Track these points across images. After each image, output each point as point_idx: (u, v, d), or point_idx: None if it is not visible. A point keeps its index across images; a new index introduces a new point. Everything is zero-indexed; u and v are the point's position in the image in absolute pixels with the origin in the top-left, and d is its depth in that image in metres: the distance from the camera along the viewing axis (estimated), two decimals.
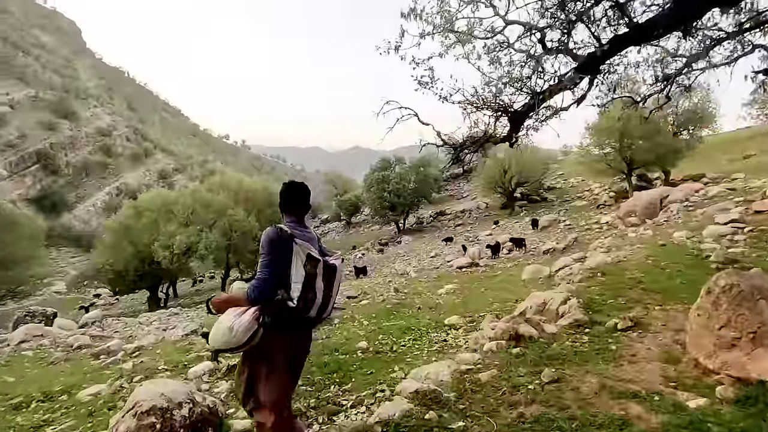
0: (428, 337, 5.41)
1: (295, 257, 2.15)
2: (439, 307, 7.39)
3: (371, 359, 4.69)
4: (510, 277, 10.07)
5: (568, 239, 14.26)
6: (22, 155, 75.73)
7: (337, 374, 4.27)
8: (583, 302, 4.44)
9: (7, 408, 4.15)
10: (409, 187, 33.96)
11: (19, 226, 23.75)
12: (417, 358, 4.63)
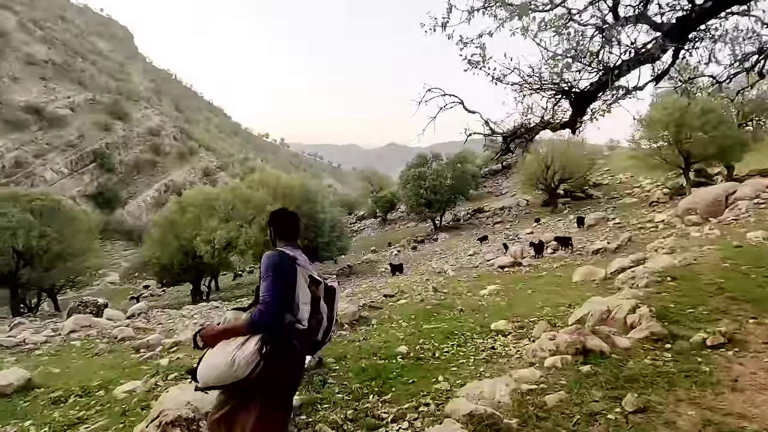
0: (474, 344, 4.99)
1: (300, 279, 2.08)
2: (482, 309, 6.93)
3: (412, 366, 4.34)
4: (557, 278, 9.41)
5: (621, 239, 13.27)
6: (81, 154, 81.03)
7: (375, 382, 3.95)
8: (656, 311, 3.88)
9: (47, 402, 4.14)
10: (446, 184, 33.26)
11: (77, 221, 25.20)
12: (463, 367, 4.23)
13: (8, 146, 72.03)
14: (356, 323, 6.64)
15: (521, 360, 4.15)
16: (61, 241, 22.13)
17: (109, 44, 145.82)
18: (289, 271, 2.07)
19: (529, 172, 32.14)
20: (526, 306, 6.72)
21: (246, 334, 1.95)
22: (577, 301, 6.47)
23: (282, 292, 2.00)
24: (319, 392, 3.77)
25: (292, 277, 2.06)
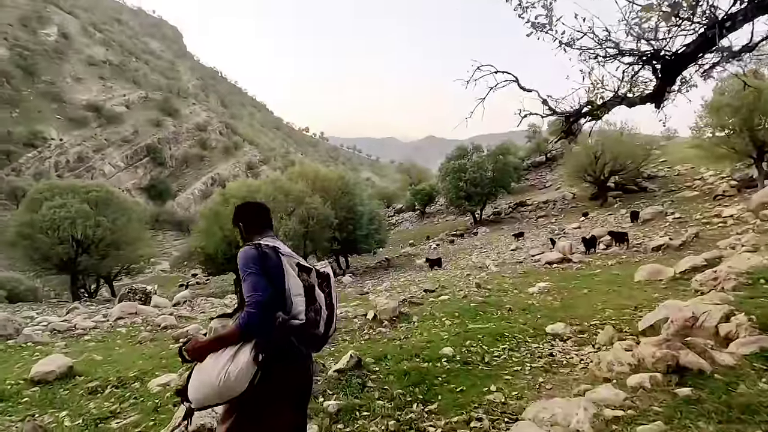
0: (527, 348, 4.50)
1: (287, 269, 1.81)
2: (532, 309, 6.37)
3: (459, 371, 3.93)
4: (615, 276, 8.61)
5: (686, 235, 12.08)
6: (135, 149, 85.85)
7: (419, 388, 3.58)
8: (756, 320, 3.24)
9: (84, 392, 4.10)
10: (487, 176, 32.15)
11: (129, 211, 26.52)
12: (518, 376, 3.77)
13: (71, 142, 77.46)
14: (396, 320, 6.29)
15: (588, 372, 3.63)
16: (114, 230, 23.34)
17: (160, 44, 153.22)
18: (272, 262, 1.79)
19: (576, 163, 30.40)
20: (584, 307, 6.09)
21: (237, 343, 1.69)
22: (644, 303, 5.78)
23: (268, 287, 1.72)
24: (357, 397, 3.44)
25: (277, 269, 1.79)
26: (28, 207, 22.76)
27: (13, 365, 5.58)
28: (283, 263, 1.82)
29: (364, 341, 5.42)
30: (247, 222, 2.08)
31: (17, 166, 67.98)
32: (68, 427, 3.31)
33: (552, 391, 3.36)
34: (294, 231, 20.95)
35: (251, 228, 2.07)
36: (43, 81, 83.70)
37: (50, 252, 21.39)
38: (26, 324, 8.57)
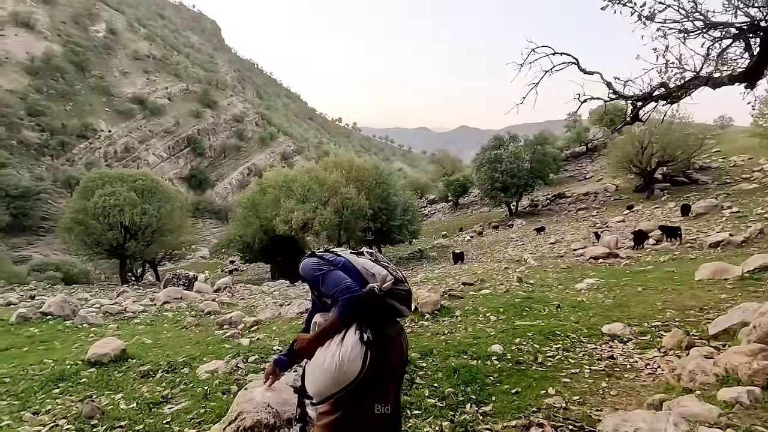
0: (584, 349, 4.23)
1: (349, 256, 1.96)
2: (583, 306, 6.03)
3: (512, 371, 3.73)
4: (671, 274, 8.06)
5: (749, 231, 11.18)
6: (177, 140, 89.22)
7: (471, 387, 3.42)
8: None
9: (137, 375, 4.20)
10: (524, 167, 31.17)
11: (172, 200, 27.56)
12: (577, 379, 3.53)
13: (119, 133, 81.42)
14: (438, 313, 6.14)
15: (656, 378, 3.35)
16: (159, 218, 24.34)
17: (200, 38, 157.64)
18: (331, 257, 1.92)
19: (620, 153, 28.92)
20: (640, 306, 5.71)
21: (340, 331, 1.77)
22: (711, 304, 5.34)
23: (344, 275, 1.82)
24: (407, 394, 3.32)
25: (343, 261, 1.92)
26: (81, 195, 24.09)
27: (71, 345, 5.85)
28: (342, 255, 1.95)
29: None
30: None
31: (71, 156, 72.24)
32: (124, 410, 3.38)
33: (618, 398, 3.12)
34: (329, 221, 21.12)
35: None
36: (93, 75, 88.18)
37: (101, 237, 22.61)
38: (81, 305, 9.03)
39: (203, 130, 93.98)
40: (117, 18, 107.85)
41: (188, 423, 3.12)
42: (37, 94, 75.48)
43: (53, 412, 3.44)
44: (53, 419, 3.28)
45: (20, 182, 55.99)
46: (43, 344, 6.05)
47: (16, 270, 27.28)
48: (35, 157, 67.76)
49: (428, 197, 51.58)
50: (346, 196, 22.10)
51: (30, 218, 54.31)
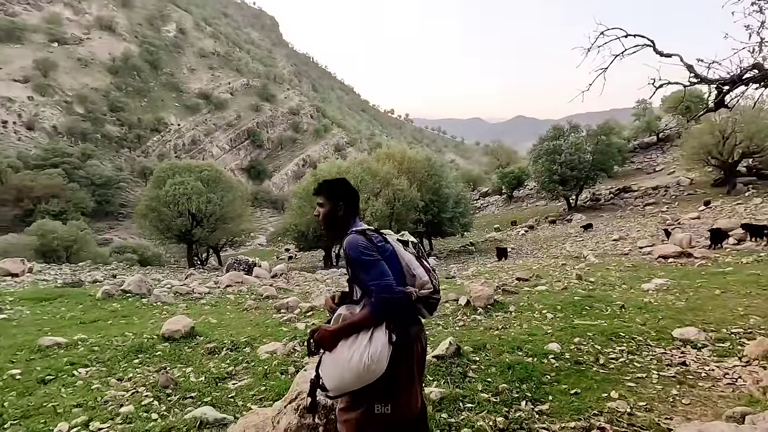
0: (652, 353, 3.96)
1: (397, 248, 1.84)
2: (650, 308, 5.63)
3: (571, 371, 3.58)
4: (754, 277, 7.30)
5: None
6: (238, 133, 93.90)
7: (527, 385, 3.32)
8: None
9: (204, 351, 4.53)
10: (585, 159, 29.44)
11: (235, 190, 29.16)
12: (643, 384, 3.32)
13: (187, 127, 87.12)
14: (491, 308, 6.01)
15: (736, 389, 3.06)
16: (222, 206, 25.89)
17: (260, 33, 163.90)
18: (381, 245, 1.81)
19: (697, 144, 26.42)
20: (718, 311, 5.23)
21: (369, 328, 1.71)
22: None
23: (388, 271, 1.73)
24: (459, 387, 3.31)
25: (390, 251, 1.82)
26: (154, 184, 26.16)
27: (147, 321, 6.42)
28: (391, 243, 1.85)
29: (458, 328, 5.25)
30: (349, 202, 1.99)
31: (145, 149, 78.51)
32: (194, 383, 3.66)
33: (691, 408, 2.89)
34: (380, 212, 21.31)
35: (351, 209, 1.98)
36: (164, 73, 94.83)
37: (171, 223, 24.48)
38: (155, 285, 9.86)
39: (262, 123, 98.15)
40: (186, 18, 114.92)
41: (251, 399, 3.32)
42: (117, 92, 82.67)
43: (134, 379, 3.81)
44: (134, 386, 3.63)
45: (103, 172, 61.88)
46: (124, 318, 6.70)
47: (100, 251, 30.31)
48: (115, 149, 74.45)
49: (481, 190, 50.38)
50: (398, 188, 22.16)
51: (111, 205, 59.95)
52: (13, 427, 2.83)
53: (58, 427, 2.81)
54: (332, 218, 1.97)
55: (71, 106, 75.25)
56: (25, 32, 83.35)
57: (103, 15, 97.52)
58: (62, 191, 51.84)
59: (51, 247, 25.27)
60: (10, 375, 3.84)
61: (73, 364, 4.16)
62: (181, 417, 2.96)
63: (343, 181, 2.04)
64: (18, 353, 4.53)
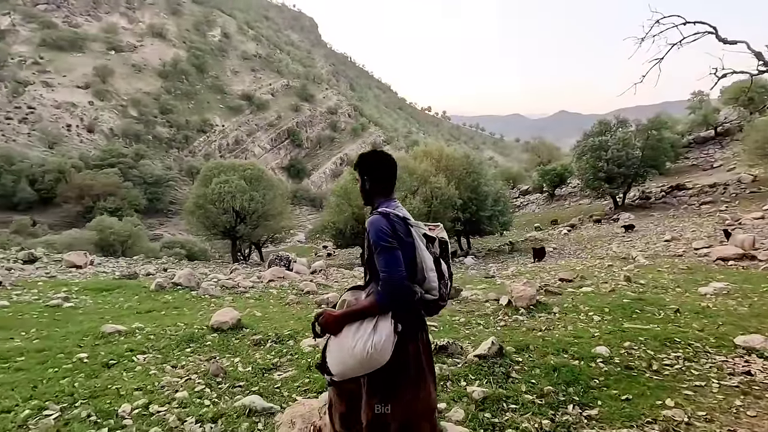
0: (711, 361, 3.72)
1: (417, 242, 1.75)
2: (708, 313, 5.29)
3: (621, 376, 3.43)
4: None
5: None
6: (278, 132, 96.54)
7: (573, 388, 3.22)
8: None
9: (250, 343, 4.72)
10: (634, 155, 27.92)
11: (276, 188, 30.05)
12: (702, 392, 3.13)
13: (230, 127, 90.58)
14: (533, 308, 5.86)
15: None
16: (264, 204, 26.76)
17: (299, 35, 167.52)
18: (405, 236, 1.74)
19: (761, 138, 24.45)
20: None
21: (374, 316, 1.71)
22: None
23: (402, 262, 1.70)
24: (503, 387, 3.26)
25: (410, 243, 1.74)
26: (201, 182, 27.42)
27: (197, 312, 6.75)
28: (414, 236, 1.76)
29: (500, 327, 5.16)
30: (376, 177, 1.93)
31: (192, 149, 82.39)
32: (242, 372, 3.83)
33: (758, 421, 2.70)
34: (418, 210, 21.22)
35: (378, 185, 1.93)
36: (210, 76, 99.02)
37: (217, 220, 25.59)
38: (203, 279, 10.35)
39: (301, 122, 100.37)
40: (230, 22, 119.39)
41: (295, 390, 3.43)
42: (167, 95, 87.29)
43: (186, 367, 4.03)
44: (187, 373, 3.84)
45: (154, 171, 65.54)
46: (176, 310, 7.09)
47: (152, 246, 32.18)
48: (165, 149, 78.66)
49: (521, 187, 49.07)
50: (436, 186, 21.98)
51: (161, 202, 63.43)
52: (83, 406, 3.07)
53: (122, 408, 3.03)
54: (362, 192, 1.97)
55: (126, 109, 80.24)
56: (86, 41, 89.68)
57: (155, 23, 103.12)
58: (118, 189, 55.44)
59: (108, 241, 27.10)
60: (78, 358, 4.17)
61: (132, 350, 4.46)
62: (231, 404, 3.10)
63: (371, 155, 1.99)
64: (84, 339, 4.91)
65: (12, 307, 7.14)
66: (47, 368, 3.92)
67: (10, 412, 2.95)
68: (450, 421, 2.71)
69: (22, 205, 54.52)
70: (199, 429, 2.76)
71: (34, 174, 57.23)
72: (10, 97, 71.88)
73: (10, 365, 4.02)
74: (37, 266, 13.92)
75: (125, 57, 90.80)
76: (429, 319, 5.43)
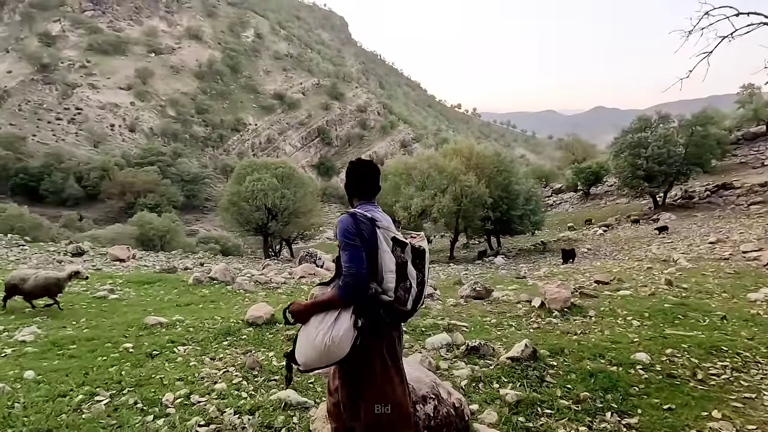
0: (762, 371, 3.52)
1: (382, 244, 1.83)
2: (759, 321, 5.00)
3: (663, 384, 3.30)
4: None
5: None
6: (308, 131, 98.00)
7: (612, 395, 3.13)
8: None
9: (284, 338, 4.84)
10: (677, 152, 26.60)
11: (306, 186, 30.54)
12: (752, 405, 2.97)
13: (263, 126, 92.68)
14: (568, 311, 5.71)
15: None
16: (295, 201, 27.27)
17: (329, 34, 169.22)
18: (369, 236, 1.83)
19: None
20: None
21: (337, 308, 1.80)
22: None
23: (364, 260, 1.78)
24: (537, 391, 3.20)
25: (372, 243, 1.82)
26: (235, 180, 28.23)
27: (233, 306, 6.98)
28: (378, 237, 1.84)
29: (532, 330, 5.07)
30: (351, 182, 2.07)
31: (227, 147, 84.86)
32: (276, 366, 3.93)
33: None
34: (447, 208, 21.07)
35: (353, 189, 2.07)
36: (243, 76, 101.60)
37: (250, 217, 26.32)
38: (237, 274, 10.67)
39: (331, 121, 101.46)
40: (262, 23, 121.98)
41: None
42: (203, 95, 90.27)
43: (224, 360, 4.17)
44: (225, 366, 3.99)
45: (191, 169, 67.99)
46: (213, 303, 7.35)
47: (188, 241, 33.45)
48: (201, 148, 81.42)
49: (553, 186, 47.77)
50: (466, 184, 21.71)
51: (197, 199, 65.76)
52: (130, 394, 3.25)
53: (165, 397, 3.18)
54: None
55: (165, 109, 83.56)
56: (129, 45, 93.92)
57: (192, 25, 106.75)
58: (157, 186, 57.89)
59: (148, 236, 28.38)
60: (124, 348, 4.40)
61: (173, 342, 4.66)
62: (267, 397, 3.20)
63: (352, 163, 2.13)
64: (129, 329, 5.18)
65: (63, 297, 7.62)
66: (97, 356, 4.17)
67: (66, 396, 3.16)
68: (483, 424, 2.69)
69: (70, 200, 57.93)
70: (237, 420, 2.86)
71: (80, 171, 60.68)
72: (60, 99, 76.39)
73: (64, 352, 4.29)
74: (84, 259, 14.77)
75: (164, 59, 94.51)
76: (459, 320, 5.31)
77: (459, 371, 3.62)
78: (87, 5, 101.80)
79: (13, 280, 6.23)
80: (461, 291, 7.44)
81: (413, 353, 4.04)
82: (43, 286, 6.17)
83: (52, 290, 6.29)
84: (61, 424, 2.69)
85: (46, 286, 6.20)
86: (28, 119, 71.66)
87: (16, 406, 2.94)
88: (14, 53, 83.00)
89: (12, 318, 5.86)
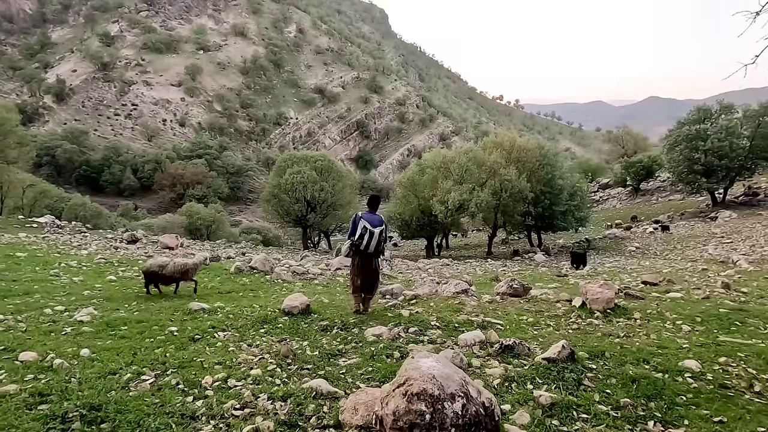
0: None
1: (359, 226, 5.55)
2: None
3: (714, 395, 3.08)
4: None
5: None
6: (347, 124, 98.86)
7: (655, 403, 2.95)
8: None
9: (318, 328, 4.93)
10: (740, 145, 24.57)
11: (345, 179, 30.86)
12: None
13: (303, 120, 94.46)
14: (611, 312, 5.44)
15: None
16: (334, 194, 27.67)
17: (370, 27, 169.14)
18: (357, 222, 5.60)
19: None
20: None
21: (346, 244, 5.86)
22: None
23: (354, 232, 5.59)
24: (573, 394, 3.07)
25: (355, 225, 5.61)
26: (276, 173, 29.01)
27: (270, 296, 7.20)
28: (358, 224, 5.58)
29: (571, 331, 4.87)
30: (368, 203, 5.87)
31: (269, 141, 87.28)
32: (309, 356, 4.02)
33: None
34: (485, 203, 20.58)
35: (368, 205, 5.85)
36: (285, 71, 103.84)
37: (290, 209, 27.00)
38: (276, 264, 10.99)
39: (370, 114, 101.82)
40: (304, 18, 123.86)
41: (359, 377, 3.53)
42: (247, 90, 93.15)
43: (260, 347, 4.32)
44: (261, 352, 4.12)
45: (235, 162, 70.55)
46: (252, 292, 7.62)
47: (232, 231, 34.87)
48: (245, 141, 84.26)
49: (600, 181, 45.56)
50: (506, 178, 21.11)
51: (241, 191, 68.24)
52: (173, 375, 3.43)
53: (204, 379, 3.33)
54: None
55: (212, 104, 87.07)
56: (179, 43, 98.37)
57: (238, 22, 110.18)
58: (204, 178, 60.56)
59: (196, 225, 29.81)
60: (170, 331, 4.66)
61: (214, 327, 4.88)
62: (299, 385, 3.28)
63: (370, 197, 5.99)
64: (175, 314, 5.47)
65: (118, 281, 8.17)
66: (145, 338, 4.44)
67: (116, 374, 3.39)
68: (514, 425, 2.62)
69: (127, 191, 61.89)
70: (270, 405, 2.95)
71: (136, 164, 64.58)
72: (118, 96, 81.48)
73: (116, 333, 4.60)
74: (138, 246, 15.75)
75: (211, 56, 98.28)
76: (494, 317, 5.24)
77: (491, 370, 3.54)
78: (142, 5, 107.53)
79: (152, 267, 6.97)
80: (497, 288, 7.27)
81: (445, 349, 3.99)
82: (182, 270, 7.05)
83: (189, 274, 7.17)
84: (110, 400, 2.88)
85: (185, 271, 7.08)
86: (90, 115, 77.06)
87: (72, 381, 3.19)
88: (78, 53, 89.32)
89: (73, 299, 6.35)
